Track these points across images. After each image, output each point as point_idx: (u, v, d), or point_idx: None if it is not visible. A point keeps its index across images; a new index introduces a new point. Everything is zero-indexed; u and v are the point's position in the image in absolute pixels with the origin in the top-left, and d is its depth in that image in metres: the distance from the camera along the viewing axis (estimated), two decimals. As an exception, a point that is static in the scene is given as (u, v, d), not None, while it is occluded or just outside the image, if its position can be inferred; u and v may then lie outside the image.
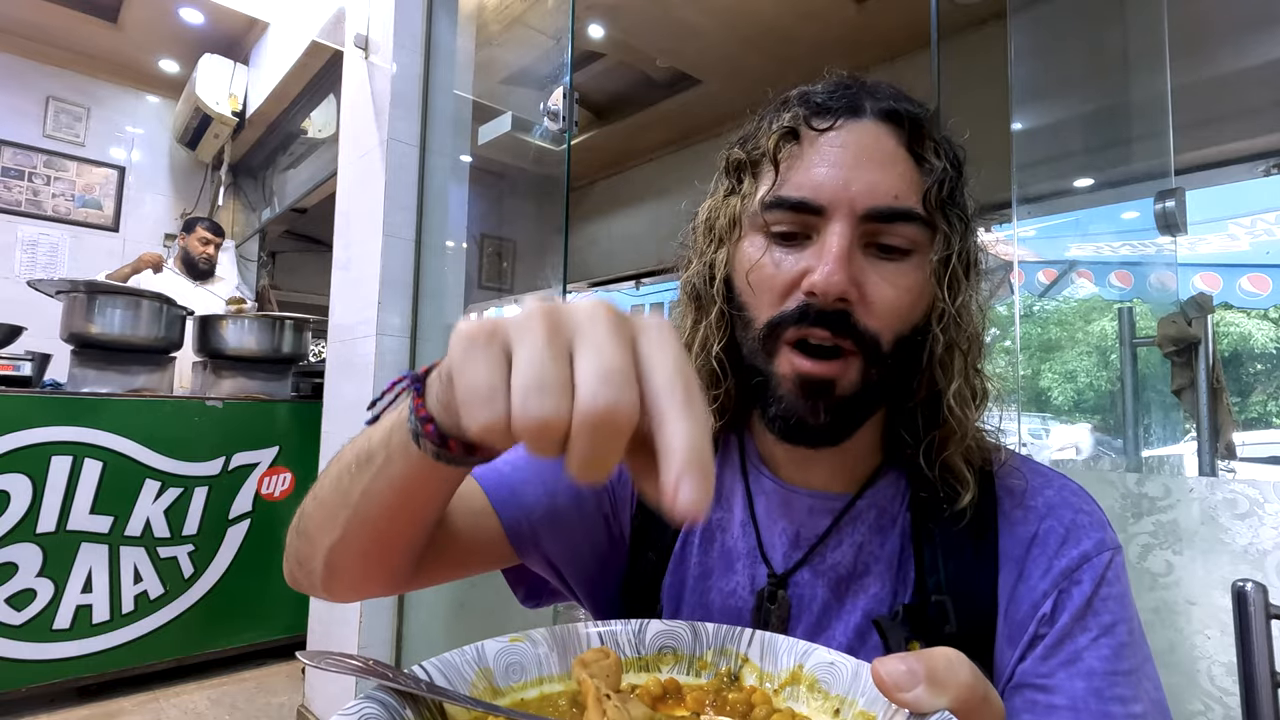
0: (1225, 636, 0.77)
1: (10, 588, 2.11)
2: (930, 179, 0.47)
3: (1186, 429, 1.47)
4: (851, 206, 0.46)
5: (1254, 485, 0.77)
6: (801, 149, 0.48)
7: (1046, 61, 1.74)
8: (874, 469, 0.53)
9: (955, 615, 0.47)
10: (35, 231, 3.87)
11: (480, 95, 2.27)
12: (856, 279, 0.45)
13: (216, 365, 2.81)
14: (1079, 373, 7.21)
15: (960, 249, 0.48)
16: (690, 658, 0.37)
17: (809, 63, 3.21)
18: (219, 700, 2.33)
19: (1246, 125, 2.75)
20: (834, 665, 0.33)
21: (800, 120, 0.48)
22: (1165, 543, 0.83)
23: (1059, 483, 0.51)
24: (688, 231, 0.57)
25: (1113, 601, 0.45)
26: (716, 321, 0.52)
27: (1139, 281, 2.23)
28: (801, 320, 0.46)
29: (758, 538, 0.54)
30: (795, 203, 0.47)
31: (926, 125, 0.48)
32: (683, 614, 0.55)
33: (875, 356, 0.46)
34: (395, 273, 2.02)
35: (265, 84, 3.59)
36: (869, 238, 0.47)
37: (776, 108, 0.52)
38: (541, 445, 0.24)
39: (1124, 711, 0.42)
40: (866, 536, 0.51)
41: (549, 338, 0.25)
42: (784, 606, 0.51)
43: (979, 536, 0.48)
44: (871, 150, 0.47)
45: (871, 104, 0.48)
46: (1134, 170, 1.79)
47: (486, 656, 0.34)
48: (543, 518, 0.54)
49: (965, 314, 0.48)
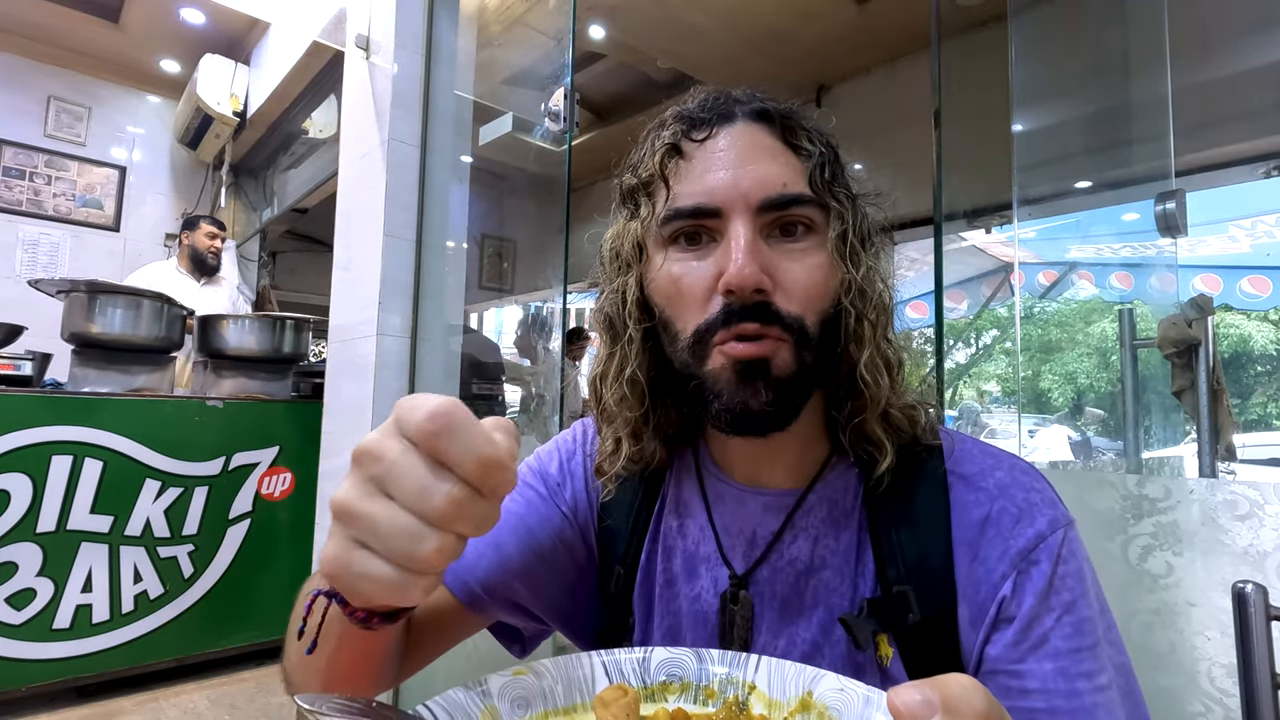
0: (1225, 638, 0.77)
1: (10, 587, 2.11)
2: (811, 163, 0.49)
3: (1187, 430, 1.47)
4: (746, 201, 0.48)
5: (1254, 487, 0.77)
6: (687, 162, 0.51)
7: (1047, 63, 1.74)
8: (821, 461, 0.54)
9: (917, 603, 0.48)
10: (36, 231, 3.87)
11: (481, 96, 2.27)
12: (767, 267, 0.47)
13: (217, 365, 2.81)
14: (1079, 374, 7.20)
15: (854, 224, 0.50)
16: (696, 686, 0.37)
17: (810, 63, 3.21)
18: (219, 700, 2.33)
19: (1247, 127, 2.75)
20: (843, 692, 0.33)
21: (680, 135, 0.51)
22: (1165, 544, 0.83)
23: (1009, 463, 0.52)
24: (595, 265, 0.59)
25: (1070, 579, 0.46)
26: (631, 345, 0.53)
27: (1139, 283, 2.23)
28: (727, 323, 0.47)
29: (717, 541, 0.55)
30: (692, 210, 0.49)
31: (796, 118, 0.51)
32: (653, 622, 0.56)
33: (804, 339, 0.48)
34: (396, 273, 2.02)
35: (266, 84, 3.59)
36: (769, 227, 0.49)
37: (656, 130, 0.54)
38: (440, 559, 0.31)
39: (1090, 686, 0.43)
40: (821, 530, 0.52)
41: (375, 511, 0.31)
42: (746, 606, 0.52)
43: (934, 523, 0.49)
44: (752, 147, 0.49)
45: (741, 108, 0.51)
46: (1134, 172, 1.80)
47: (491, 693, 0.34)
48: (492, 572, 0.55)
49: (870, 285, 0.50)
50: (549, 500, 0.60)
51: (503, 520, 0.57)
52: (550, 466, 0.62)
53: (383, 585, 0.31)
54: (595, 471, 0.58)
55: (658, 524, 0.58)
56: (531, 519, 0.58)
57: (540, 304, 5.28)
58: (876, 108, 3.40)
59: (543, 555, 0.57)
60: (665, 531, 0.58)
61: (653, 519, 0.58)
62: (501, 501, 0.33)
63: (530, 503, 0.59)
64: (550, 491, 0.60)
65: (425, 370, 2.07)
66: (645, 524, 0.58)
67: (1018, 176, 1.52)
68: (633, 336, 0.53)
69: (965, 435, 0.55)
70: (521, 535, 0.57)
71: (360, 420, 2.02)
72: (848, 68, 3.51)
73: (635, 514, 0.58)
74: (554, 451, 0.64)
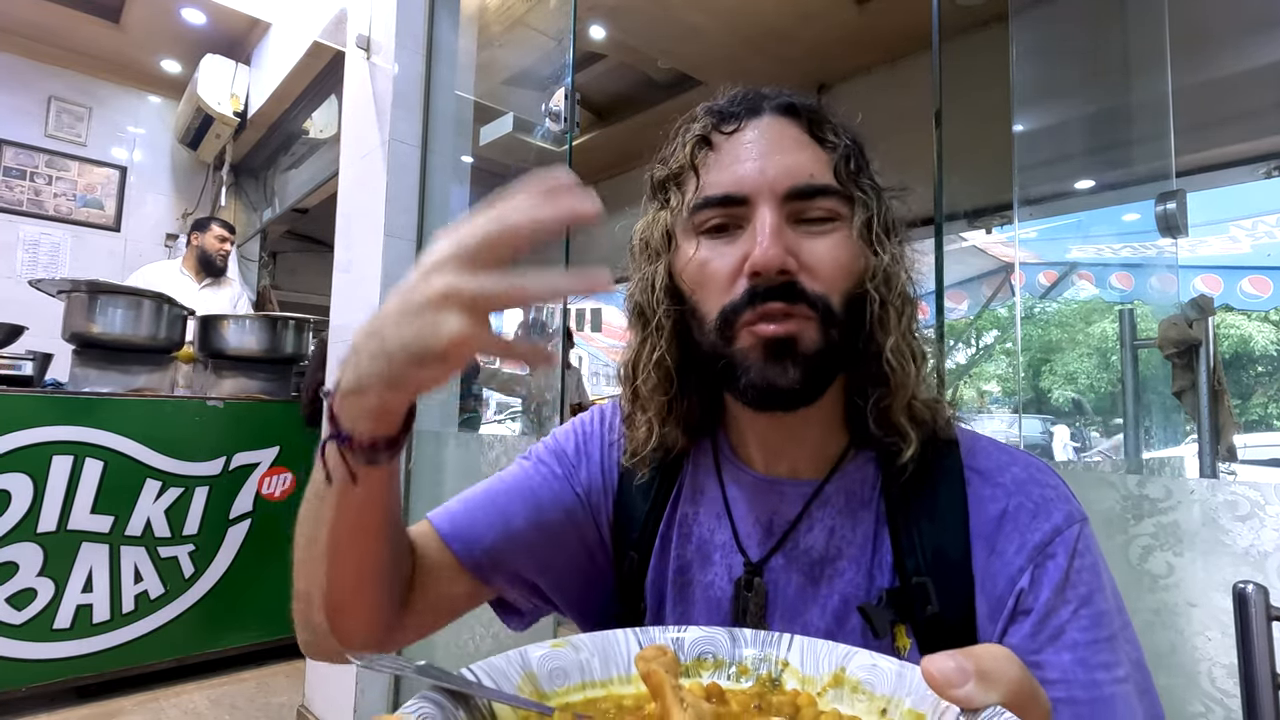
0: (1226, 638, 0.77)
1: (11, 587, 2.11)
2: (836, 155, 0.51)
3: (1187, 431, 1.47)
4: (773, 190, 0.49)
5: (1255, 487, 0.77)
6: (716, 153, 0.52)
7: (1048, 63, 1.74)
8: (840, 452, 0.55)
9: (936, 596, 0.48)
10: (37, 231, 3.87)
11: (482, 96, 2.27)
12: (792, 249, 0.48)
13: (217, 365, 2.81)
14: (1080, 374, 7.21)
15: (878, 213, 0.51)
16: (730, 663, 0.37)
17: (810, 64, 3.21)
18: (219, 700, 2.33)
19: (1247, 127, 2.75)
20: (876, 667, 0.33)
21: (709, 129, 0.53)
22: (1166, 544, 0.83)
23: (1024, 460, 0.52)
24: (625, 255, 0.60)
25: (1086, 572, 0.46)
26: (660, 332, 0.54)
27: (1140, 283, 2.23)
28: (753, 303, 0.48)
29: (733, 528, 0.56)
30: (721, 198, 0.50)
31: (822, 112, 0.53)
32: (666, 609, 0.57)
33: (830, 317, 0.49)
34: (396, 273, 2.02)
35: (267, 84, 3.59)
36: (795, 215, 0.50)
37: (686, 124, 0.56)
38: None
39: (1109, 677, 0.44)
40: (838, 521, 0.53)
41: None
42: (760, 594, 0.53)
43: (952, 516, 0.50)
44: (779, 139, 0.51)
45: (768, 103, 0.53)
46: (1135, 172, 1.80)
47: (530, 661, 0.34)
48: (499, 542, 0.56)
49: (894, 273, 0.51)
50: (564, 479, 0.60)
51: (514, 493, 0.58)
52: (567, 446, 0.63)
53: (404, 357, 0.37)
54: (628, 455, 0.59)
55: (674, 511, 0.59)
56: (544, 495, 0.59)
57: (539, 304, 5.28)
58: (876, 108, 3.39)
59: (551, 532, 0.57)
60: (681, 518, 0.58)
61: (669, 506, 0.59)
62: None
63: (545, 479, 0.60)
64: (566, 472, 0.61)
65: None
66: (661, 510, 0.59)
67: (1018, 177, 1.52)
68: (662, 323, 0.54)
69: (979, 432, 0.55)
70: (531, 509, 0.57)
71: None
72: (848, 67, 3.51)
73: (652, 500, 0.59)
74: (571, 433, 0.64)
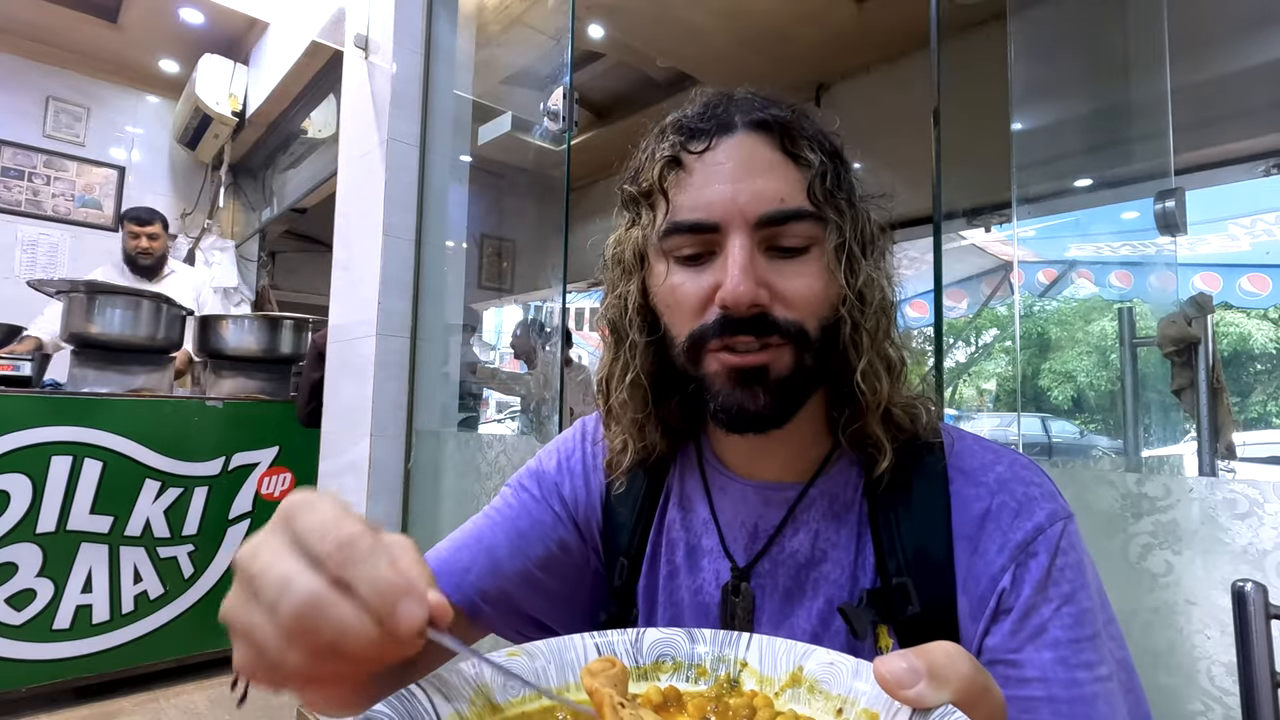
0: (1225, 636, 0.77)
1: (10, 588, 2.11)
2: (811, 174, 0.49)
3: (1186, 429, 1.47)
4: (744, 216, 0.48)
5: (1254, 485, 0.77)
6: (686, 174, 0.50)
7: (1047, 62, 1.74)
8: (823, 457, 0.55)
9: (917, 596, 0.48)
10: (35, 231, 3.87)
11: (480, 95, 2.27)
12: (764, 281, 0.48)
13: (216, 365, 2.81)
14: (1079, 372, 7.21)
15: (854, 231, 0.50)
16: (688, 665, 0.37)
17: (809, 63, 3.21)
18: (219, 700, 2.33)
19: (1246, 125, 2.75)
20: (833, 665, 0.33)
21: (678, 147, 0.51)
22: (1165, 543, 0.83)
23: (1009, 458, 0.52)
24: (598, 264, 0.60)
25: (1069, 570, 0.46)
26: (634, 350, 0.54)
27: (1139, 281, 2.23)
28: (723, 332, 0.48)
29: (719, 534, 0.56)
30: (690, 225, 0.49)
31: (796, 126, 0.50)
32: (656, 613, 0.58)
33: (804, 343, 0.48)
34: (395, 273, 2.02)
35: (265, 84, 3.59)
36: (767, 242, 0.49)
37: (656, 139, 0.54)
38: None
39: (1091, 676, 0.43)
40: (822, 524, 0.53)
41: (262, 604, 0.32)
42: (747, 598, 0.53)
43: (934, 517, 0.50)
44: (750, 161, 0.49)
45: (741, 117, 0.50)
46: (1134, 170, 1.80)
47: (484, 672, 0.34)
48: (484, 575, 0.56)
49: (869, 291, 0.50)
50: (542, 502, 0.61)
51: (496, 526, 0.59)
52: (548, 465, 0.64)
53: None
54: (606, 468, 0.59)
55: (661, 516, 0.59)
56: (523, 522, 0.59)
57: (540, 304, 5.28)
58: (876, 107, 3.40)
59: (536, 559, 0.58)
60: (669, 524, 0.59)
61: (657, 511, 0.59)
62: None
63: (524, 504, 0.61)
64: (544, 493, 0.61)
65: (425, 370, 2.07)
66: (649, 516, 0.59)
67: (1017, 175, 1.52)
68: (635, 341, 0.54)
69: (965, 431, 0.55)
70: (514, 540, 0.58)
71: (360, 420, 2.02)
72: (847, 67, 3.51)
73: (639, 507, 0.59)
74: (553, 451, 0.65)
